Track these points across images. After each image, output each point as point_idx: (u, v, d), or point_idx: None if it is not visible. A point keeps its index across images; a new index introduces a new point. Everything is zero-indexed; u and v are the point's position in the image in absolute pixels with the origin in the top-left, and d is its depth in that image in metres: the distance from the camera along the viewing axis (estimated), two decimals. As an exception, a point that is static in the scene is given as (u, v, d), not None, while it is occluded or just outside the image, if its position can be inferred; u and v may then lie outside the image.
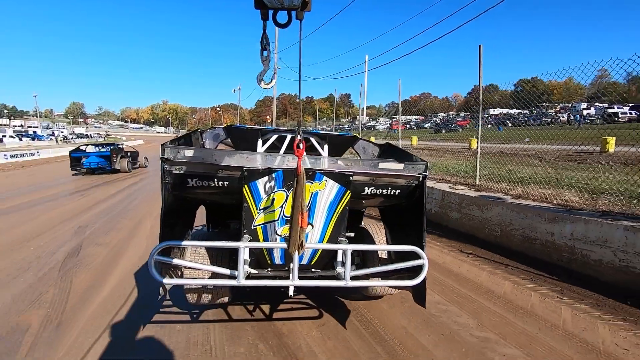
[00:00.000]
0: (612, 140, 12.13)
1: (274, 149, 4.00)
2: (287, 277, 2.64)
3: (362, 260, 3.44)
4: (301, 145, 2.01)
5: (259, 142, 4.04)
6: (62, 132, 60.51)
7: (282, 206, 2.66)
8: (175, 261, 2.50)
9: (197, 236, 3.52)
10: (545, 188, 5.94)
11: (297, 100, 1.72)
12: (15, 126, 66.01)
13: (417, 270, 2.52)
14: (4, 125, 68.13)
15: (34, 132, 54.14)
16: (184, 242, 2.57)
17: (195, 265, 2.62)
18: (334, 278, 2.89)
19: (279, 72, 35.51)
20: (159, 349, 2.91)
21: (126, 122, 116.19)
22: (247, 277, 2.61)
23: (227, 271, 2.49)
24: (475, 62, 6.54)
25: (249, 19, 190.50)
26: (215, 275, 2.72)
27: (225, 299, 3.25)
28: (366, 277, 2.93)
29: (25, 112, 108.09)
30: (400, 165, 2.72)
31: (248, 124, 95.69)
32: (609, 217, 4.28)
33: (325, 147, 4.10)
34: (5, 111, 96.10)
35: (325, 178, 2.65)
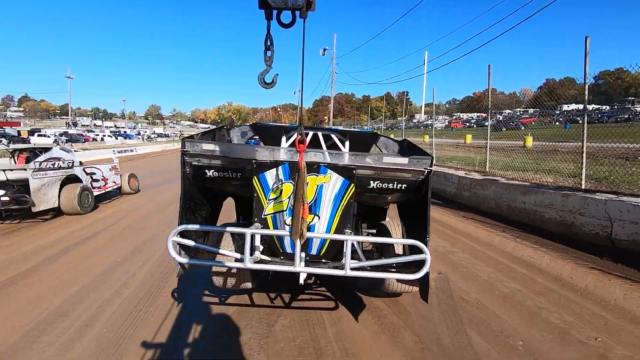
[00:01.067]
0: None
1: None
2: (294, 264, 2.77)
3: (380, 254, 3.63)
4: (303, 141, 2.22)
5: (283, 138, 4.28)
6: (146, 132, 70.17)
7: (289, 197, 2.80)
8: (189, 243, 2.66)
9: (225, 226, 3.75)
10: (537, 173, 7.89)
11: (300, 100, 2.55)
12: (108, 127, 77.84)
13: (421, 264, 2.56)
14: (99, 126, 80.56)
15: (125, 132, 63.64)
16: (198, 226, 2.80)
17: (207, 248, 2.83)
18: (338, 267, 2.99)
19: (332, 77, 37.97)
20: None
21: (196, 122, 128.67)
22: (257, 263, 2.75)
23: (236, 255, 2.68)
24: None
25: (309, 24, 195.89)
26: (233, 260, 2.83)
27: (248, 285, 3.49)
28: (372, 269, 2.94)
29: (113, 114, 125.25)
30: (404, 160, 2.81)
31: (306, 122, 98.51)
32: (559, 189, 6.30)
33: (347, 143, 4.34)
34: (100, 114, 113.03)
35: (329, 171, 2.79)
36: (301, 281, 2.97)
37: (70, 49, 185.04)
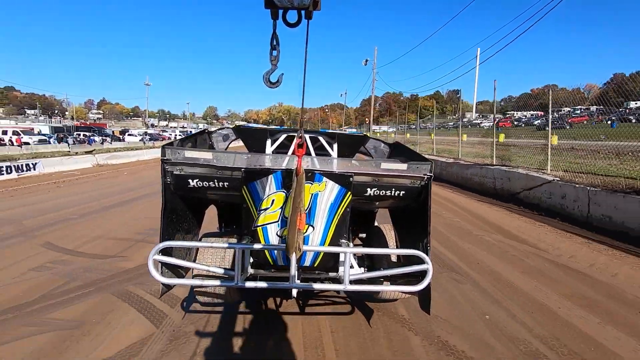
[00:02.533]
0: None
1: (283, 148, 4.15)
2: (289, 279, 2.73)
3: (371, 262, 3.50)
4: (302, 145, 2.18)
5: (268, 141, 4.14)
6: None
7: (282, 207, 2.70)
8: (174, 261, 2.56)
9: (209, 237, 3.52)
10: (484, 158, 12.77)
11: (302, 102, 2.12)
12: (175, 127, 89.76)
13: (422, 274, 2.49)
14: (166, 126, 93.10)
15: (190, 132, 73.82)
16: (183, 243, 2.75)
17: (194, 266, 2.69)
18: (335, 281, 2.99)
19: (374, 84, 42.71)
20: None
21: (248, 122, 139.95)
22: (248, 278, 2.71)
23: (227, 272, 2.59)
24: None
25: (351, 28, 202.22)
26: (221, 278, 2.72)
27: (236, 297, 3.44)
28: (369, 280, 2.96)
29: (175, 115, 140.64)
30: (403, 166, 2.74)
31: (353, 122, 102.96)
32: (483, 165, 11.32)
33: (335, 146, 4.23)
34: (165, 115, 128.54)
35: (325, 179, 2.69)
36: (294, 294, 2.93)
37: (140, 56, 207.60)
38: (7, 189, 11.65)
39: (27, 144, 28.58)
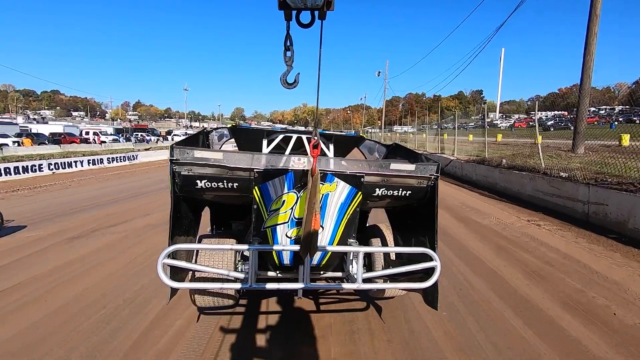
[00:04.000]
0: None
1: (278, 149, 4.21)
2: (296, 279, 2.83)
3: (369, 260, 3.62)
4: (317, 146, 2.22)
5: (264, 142, 4.23)
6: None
7: (292, 208, 2.78)
8: (184, 264, 2.66)
9: (205, 239, 3.58)
10: (462, 153, 18.04)
11: (316, 102, 2.23)
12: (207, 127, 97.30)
13: (429, 272, 2.61)
14: (200, 126, 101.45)
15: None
16: (193, 246, 2.80)
17: (205, 269, 2.76)
18: (344, 280, 3.15)
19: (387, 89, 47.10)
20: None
21: (274, 123, 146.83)
22: (257, 280, 2.78)
23: (238, 274, 2.69)
24: None
25: (375, 28, 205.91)
26: (224, 278, 2.79)
27: (232, 302, 3.40)
28: (377, 278, 3.08)
29: (205, 116, 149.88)
30: (412, 166, 2.87)
31: (376, 123, 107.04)
32: (433, 153, 16.75)
33: (331, 147, 4.35)
34: (199, 116, 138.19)
35: (336, 179, 2.76)
36: (300, 295, 3.00)
37: (171, 59, 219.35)
38: (136, 170, 17.90)
39: (104, 142, 35.68)
